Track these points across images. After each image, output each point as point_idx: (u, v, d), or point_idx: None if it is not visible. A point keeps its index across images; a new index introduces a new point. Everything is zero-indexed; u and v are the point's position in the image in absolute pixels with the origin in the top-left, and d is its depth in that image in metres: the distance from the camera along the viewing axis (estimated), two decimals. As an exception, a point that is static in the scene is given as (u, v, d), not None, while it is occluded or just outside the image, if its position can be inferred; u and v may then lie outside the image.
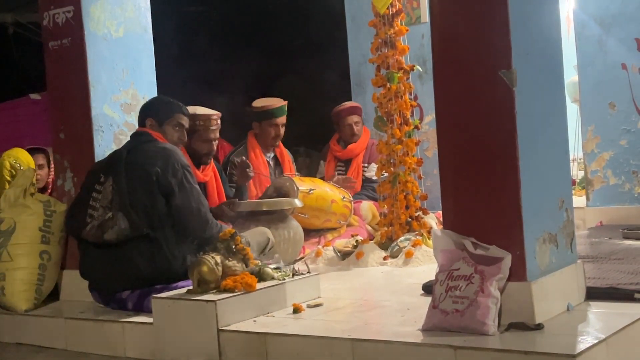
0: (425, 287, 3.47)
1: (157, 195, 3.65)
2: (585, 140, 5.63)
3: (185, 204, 3.68)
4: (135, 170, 3.68)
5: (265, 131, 5.61)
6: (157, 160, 3.68)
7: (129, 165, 3.71)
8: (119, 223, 3.61)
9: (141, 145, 3.81)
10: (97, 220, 3.69)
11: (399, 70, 4.80)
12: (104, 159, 3.95)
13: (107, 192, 3.71)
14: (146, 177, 3.65)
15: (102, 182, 3.76)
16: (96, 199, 3.75)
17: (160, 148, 3.78)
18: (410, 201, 4.82)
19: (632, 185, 5.45)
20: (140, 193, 3.64)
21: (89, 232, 3.71)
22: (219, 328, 3.09)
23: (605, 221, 5.44)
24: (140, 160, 3.71)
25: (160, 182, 3.65)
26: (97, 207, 3.73)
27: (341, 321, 3.13)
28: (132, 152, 3.78)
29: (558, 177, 3.01)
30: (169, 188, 3.66)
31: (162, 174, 3.66)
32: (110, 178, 3.72)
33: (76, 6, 4.21)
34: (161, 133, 3.95)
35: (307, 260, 4.71)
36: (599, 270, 3.57)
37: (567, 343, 2.50)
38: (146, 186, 3.65)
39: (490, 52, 2.78)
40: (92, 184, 3.80)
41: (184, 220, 3.69)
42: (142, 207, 3.62)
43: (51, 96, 4.46)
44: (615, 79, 5.45)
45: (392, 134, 4.80)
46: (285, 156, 5.76)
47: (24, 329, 3.94)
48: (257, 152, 5.61)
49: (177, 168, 3.69)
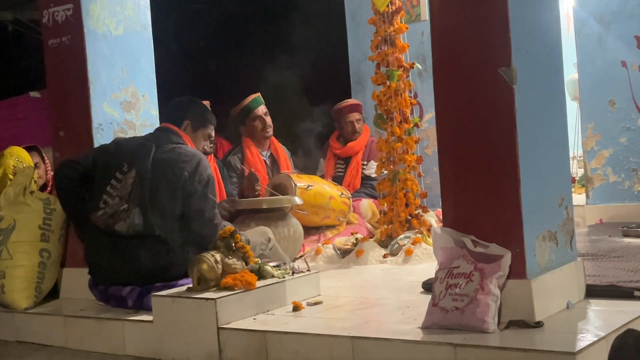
0: (425, 284, 3.48)
1: (179, 198, 3.64)
2: (585, 137, 5.63)
3: (202, 210, 3.66)
4: (164, 169, 3.66)
5: (252, 127, 5.61)
6: (187, 165, 3.67)
7: (158, 162, 3.68)
8: (132, 217, 3.60)
9: (172, 145, 3.78)
10: (110, 208, 3.67)
11: (399, 68, 4.81)
12: (128, 146, 3.80)
13: (128, 183, 3.68)
14: (174, 178, 3.64)
15: (124, 171, 3.71)
16: (115, 187, 3.70)
17: (191, 153, 3.76)
18: (410, 199, 4.82)
19: (632, 182, 5.45)
20: (162, 193, 3.62)
21: (100, 217, 3.69)
22: (218, 326, 3.09)
23: (605, 219, 5.45)
24: (171, 160, 3.69)
25: (186, 186, 3.64)
26: (114, 195, 3.69)
27: (341, 319, 3.13)
28: (162, 150, 3.74)
29: (558, 174, 3.01)
30: (191, 192, 3.64)
31: (189, 178, 3.65)
32: (134, 170, 3.68)
33: (76, 4, 4.21)
34: (192, 138, 3.97)
35: (306, 258, 4.71)
36: (598, 267, 3.57)
37: (567, 341, 2.50)
38: (171, 187, 3.63)
39: (490, 50, 2.78)
40: (114, 170, 3.73)
41: (197, 226, 3.66)
42: (161, 208, 3.61)
43: (51, 94, 4.45)
44: (615, 77, 5.46)
45: (391, 131, 4.81)
46: (280, 153, 5.74)
47: (24, 326, 3.94)
48: (253, 151, 5.61)
49: (204, 176, 3.69)
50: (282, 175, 5.19)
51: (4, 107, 8.58)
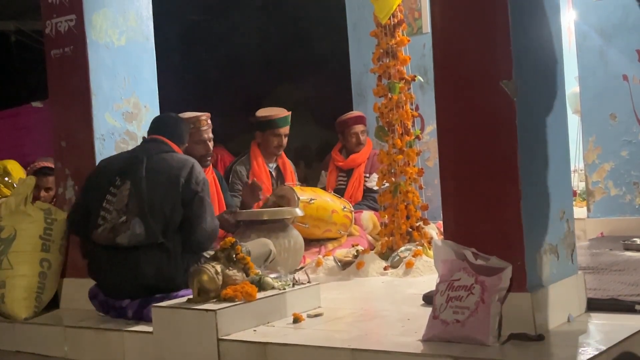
0: (425, 297, 3.47)
1: (178, 204, 3.66)
2: (586, 151, 5.63)
3: (200, 215, 3.69)
4: (159, 177, 3.68)
5: (268, 140, 5.62)
6: (182, 170, 3.70)
7: (152, 171, 3.70)
8: (133, 228, 3.60)
9: (163, 155, 3.81)
10: (109, 223, 3.68)
11: (401, 80, 4.81)
12: (116, 162, 3.87)
13: (123, 195, 3.70)
14: (171, 185, 3.66)
15: (117, 185, 3.73)
16: (110, 201, 3.72)
17: (183, 159, 3.80)
18: (411, 211, 4.81)
19: (633, 196, 5.45)
20: (161, 200, 3.64)
21: (100, 234, 3.70)
22: (218, 337, 3.08)
23: (606, 232, 5.44)
24: (165, 167, 3.72)
25: (184, 191, 3.66)
26: (111, 210, 3.71)
27: (341, 331, 3.12)
28: (153, 160, 3.76)
29: (559, 188, 3.01)
30: (190, 196, 3.67)
31: (186, 183, 3.67)
32: (127, 182, 3.71)
33: (78, 15, 4.22)
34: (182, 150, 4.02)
35: (307, 269, 4.70)
36: (599, 281, 3.56)
37: (568, 354, 2.49)
38: (170, 193, 3.65)
39: (492, 63, 2.79)
40: (106, 186, 3.76)
41: (194, 231, 3.68)
42: (161, 215, 3.62)
43: (53, 104, 4.47)
44: (616, 90, 5.46)
45: (393, 143, 4.81)
46: (287, 167, 5.77)
47: (23, 337, 3.94)
48: (260, 162, 5.62)
49: (199, 179, 3.73)
50: (285, 188, 5.18)
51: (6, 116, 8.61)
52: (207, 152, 4.82)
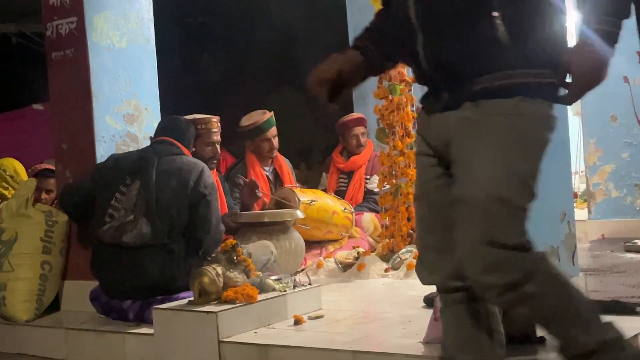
0: (426, 299, 3.47)
1: (186, 206, 3.68)
2: (587, 153, 5.64)
3: (206, 217, 3.71)
4: (169, 180, 3.70)
5: (260, 147, 5.57)
6: (191, 173, 3.72)
7: (162, 173, 3.72)
8: (140, 227, 3.62)
9: (173, 157, 3.83)
10: (116, 221, 3.70)
11: (401, 82, 4.81)
12: (127, 161, 3.87)
13: (132, 195, 3.72)
14: (180, 187, 3.68)
15: (128, 184, 3.76)
16: (120, 200, 3.74)
17: (193, 162, 3.83)
18: (411, 213, 4.81)
19: (634, 198, 5.45)
20: (169, 201, 3.66)
21: (106, 232, 3.71)
22: (219, 339, 3.08)
23: (607, 234, 5.44)
24: (175, 169, 3.74)
25: (192, 194, 3.69)
26: (119, 208, 3.73)
27: (342, 333, 3.12)
28: (164, 161, 3.79)
29: (560, 190, 3.00)
30: (198, 199, 3.70)
31: (195, 186, 3.70)
32: (137, 182, 3.73)
33: (79, 17, 4.23)
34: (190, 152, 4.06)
35: (308, 271, 4.69)
36: (600, 283, 3.56)
37: (569, 356, 2.48)
38: (178, 195, 3.67)
39: (492, 65, 2.78)
40: (117, 184, 3.78)
41: (200, 234, 3.70)
42: (168, 216, 3.64)
43: (54, 106, 4.47)
44: (617, 92, 5.47)
45: (393, 145, 4.81)
46: (284, 168, 5.73)
47: (24, 339, 3.94)
48: (257, 168, 5.58)
49: (208, 183, 3.76)
50: (286, 190, 5.18)
51: (7, 119, 8.62)
52: (215, 154, 4.82)
